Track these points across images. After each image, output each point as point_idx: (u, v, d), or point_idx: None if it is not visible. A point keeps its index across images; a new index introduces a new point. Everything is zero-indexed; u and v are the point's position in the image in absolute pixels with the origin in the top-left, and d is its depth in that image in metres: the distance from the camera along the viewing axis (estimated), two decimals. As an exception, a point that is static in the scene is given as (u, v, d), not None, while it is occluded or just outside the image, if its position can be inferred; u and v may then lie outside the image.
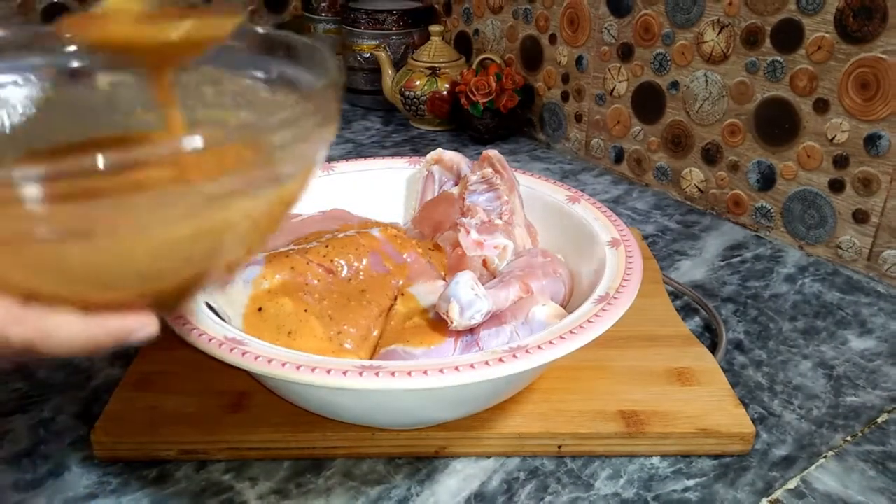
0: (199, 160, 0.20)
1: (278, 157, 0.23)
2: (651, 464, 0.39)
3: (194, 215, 0.22)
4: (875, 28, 0.53)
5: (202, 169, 0.21)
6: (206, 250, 0.24)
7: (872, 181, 0.56)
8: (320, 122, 0.24)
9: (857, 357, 0.48)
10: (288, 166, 0.24)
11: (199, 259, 0.24)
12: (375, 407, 0.36)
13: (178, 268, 0.24)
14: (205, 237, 0.23)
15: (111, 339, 0.24)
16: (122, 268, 0.22)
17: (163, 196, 0.20)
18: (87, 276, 0.22)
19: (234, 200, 0.22)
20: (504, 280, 0.42)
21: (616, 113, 0.76)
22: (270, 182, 0.23)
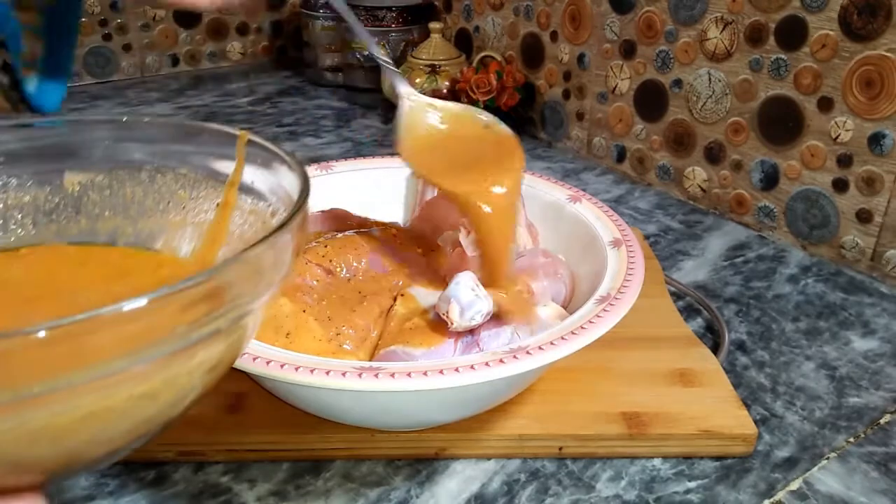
0: (141, 321, 0.17)
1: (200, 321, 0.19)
2: (653, 465, 0.39)
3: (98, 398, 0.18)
4: (880, 26, 0.53)
5: (143, 331, 0.17)
6: (114, 428, 0.19)
7: (876, 181, 0.56)
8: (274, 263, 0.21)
9: (860, 358, 0.48)
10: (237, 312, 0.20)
11: (107, 439, 0.20)
12: (375, 408, 0.36)
13: (76, 449, 0.19)
14: (111, 416, 0.19)
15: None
16: (28, 452, 0.18)
17: (103, 369, 0.17)
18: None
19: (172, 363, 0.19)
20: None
21: (618, 111, 0.75)
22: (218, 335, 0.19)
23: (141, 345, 0.17)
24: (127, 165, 0.30)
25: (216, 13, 0.32)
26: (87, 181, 0.30)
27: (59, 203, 0.30)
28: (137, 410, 0.19)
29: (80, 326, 0.16)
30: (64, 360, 0.16)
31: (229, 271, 0.19)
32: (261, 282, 0.21)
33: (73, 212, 0.30)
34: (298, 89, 1.02)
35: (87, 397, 0.17)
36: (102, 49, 1.02)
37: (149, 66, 1.06)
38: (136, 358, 0.17)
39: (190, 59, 1.09)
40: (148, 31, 1.04)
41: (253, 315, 0.21)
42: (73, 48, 0.46)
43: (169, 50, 1.07)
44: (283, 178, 0.27)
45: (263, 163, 0.28)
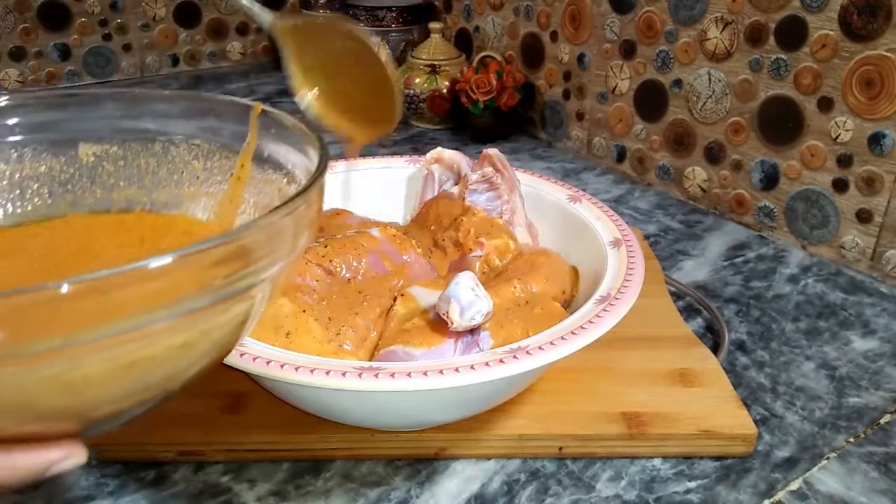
0: (165, 278, 0.18)
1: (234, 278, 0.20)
2: (653, 465, 0.39)
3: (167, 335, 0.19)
4: (880, 26, 0.53)
5: (170, 289, 0.18)
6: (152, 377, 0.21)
7: (876, 181, 0.56)
8: (296, 228, 0.22)
9: (860, 358, 0.48)
10: (260, 278, 0.21)
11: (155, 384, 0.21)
12: (375, 408, 0.36)
13: (127, 395, 0.21)
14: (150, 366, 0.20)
15: (23, 478, 0.20)
16: (65, 399, 0.19)
17: (128, 322, 0.18)
18: (9, 412, 0.19)
19: (200, 318, 0.20)
20: (505, 280, 0.42)
21: (618, 111, 0.75)
22: (237, 297, 0.20)
23: (177, 297, 0.19)
24: (141, 137, 0.31)
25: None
26: (101, 152, 0.31)
27: (74, 173, 0.30)
28: (175, 360, 0.20)
29: (124, 277, 0.17)
30: (110, 310, 0.18)
31: (256, 232, 0.20)
32: (284, 243, 0.21)
33: (89, 182, 0.31)
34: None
35: (130, 346, 0.19)
36: (102, 49, 1.02)
37: (149, 66, 1.06)
38: (174, 310, 0.19)
39: (190, 59, 1.09)
40: (148, 31, 1.04)
41: (279, 275, 0.22)
42: None
43: (169, 50, 1.07)
44: (298, 148, 0.28)
45: (278, 133, 0.29)
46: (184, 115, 0.30)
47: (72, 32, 0.99)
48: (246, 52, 1.13)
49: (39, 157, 0.30)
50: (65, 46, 0.99)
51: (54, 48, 0.98)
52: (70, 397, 0.19)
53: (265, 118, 0.29)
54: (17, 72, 0.97)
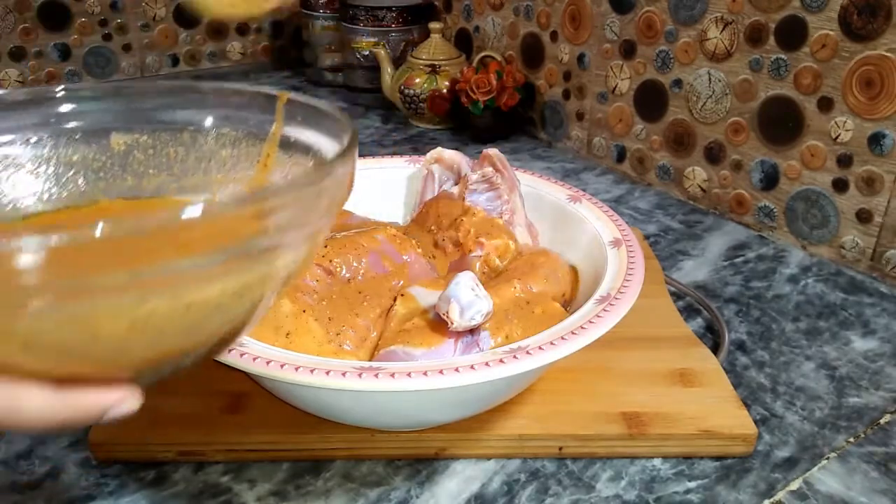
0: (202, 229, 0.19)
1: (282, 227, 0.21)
2: (652, 465, 0.39)
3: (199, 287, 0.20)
4: (880, 26, 0.53)
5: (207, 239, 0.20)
6: (206, 323, 0.22)
7: (876, 181, 0.56)
8: (330, 195, 0.23)
9: (860, 358, 0.48)
10: (291, 236, 0.22)
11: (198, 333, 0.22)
12: (375, 408, 0.36)
13: (173, 341, 0.22)
14: (205, 310, 0.21)
15: (84, 418, 0.21)
16: (118, 342, 0.20)
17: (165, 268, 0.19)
18: (74, 350, 0.20)
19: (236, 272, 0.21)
20: (505, 280, 0.42)
21: (618, 111, 0.75)
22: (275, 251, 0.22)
23: (231, 242, 0.20)
24: (170, 127, 0.32)
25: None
26: (132, 141, 0.32)
27: (107, 162, 0.32)
28: (228, 307, 0.22)
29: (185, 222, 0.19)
30: (169, 248, 0.19)
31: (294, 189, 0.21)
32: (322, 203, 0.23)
33: (120, 170, 0.32)
34: (298, 89, 1.01)
35: (189, 286, 0.20)
36: (102, 49, 1.02)
37: (149, 66, 1.06)
38: (220, 256, 0.20)
39: (190, 59, 1.09)
40: (148, 31, 1.04)
41: (320, 234, 0.24)
42: None
43: (169, 50, 1.07)
44: (325, 132, 0.29)
45: (304, 119, 0.30)
46: (211, 105, 0.32)
47: (72, 32, 0.99)
48: (246, 52, 1.13)
49: (75, 146, 0.31)
50: (65, 46, 0.99)
51: (54, 48, 0.98)
52: (132, 334, 0.20)
53: (291, 106, 0.30)
54: (17, 72, 0.97)
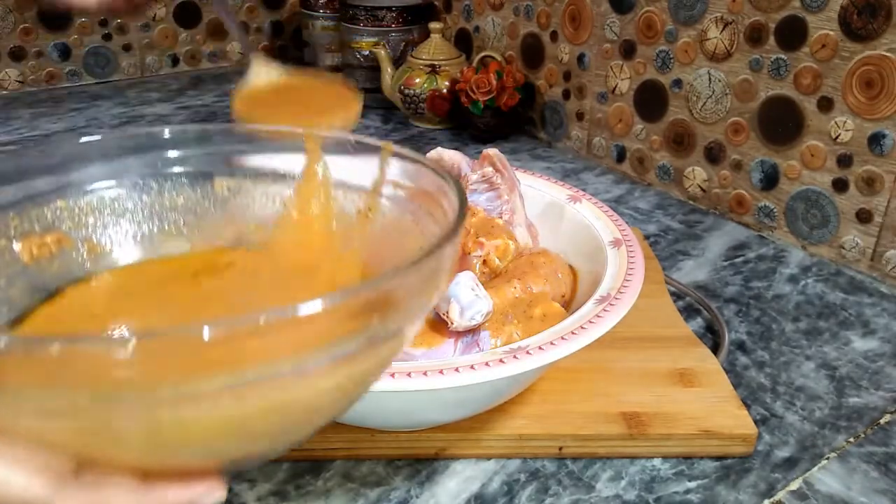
0: (316, 324, 0.18)
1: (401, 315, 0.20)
2: (652, 465, 0.39)
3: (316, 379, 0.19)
4: (880, 25, 0.53)
5: (320, 332, 0.18)
6: (304, 417, 0.21)
7: (876, 181, 0.56)
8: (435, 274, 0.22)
9: (860, 358, 0.48)
10: (406, 319, 0.21)
11: (300, 426, 0.22)
12: (375, 408, 0.36)
13: (275, 436, 0.21)
14: (307, 405, 0.20)
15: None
16: (213, 442, 0.20)
17: (278, 365, 0.18)
18: (167, 448, 0.20)
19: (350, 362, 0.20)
20: (505, 280, 0.42)
21: (618, 111, 0.75)
22: (388, 339, 0.21)
23: (328, 342, 0.19)
24: (272, 173, 0.31)
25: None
26: (235, 186, 0.31)
27: (209, 206, 0.31)
28: (322, 403, 0.21)
29: (294, 319, 0.17)
30: (267, 351, 0.18)
31: (403, 277, 0.20)
32: (430, 287, 0.22)
33: (220, 213, 0.31)
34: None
35: (284, 388, 0.19)
36: (102, 49, 1.02)
37: (149, 66, 1.06)
38: (324, 355, 0.19)
39: (190, 59, 1.09)
40: (148, 31, 1.04)
41: (422, 316, 0.23)
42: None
43: (169, 50, 1.07)
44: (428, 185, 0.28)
45: (408, 174, 0.29)
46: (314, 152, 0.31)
47: (72, 32, 0.99)
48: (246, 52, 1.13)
49: (179, 189, 0.31)
50: (65, 46, 0.99)
51: (54, 48, 0.98)
52: (229, 435, 0.19)
53: (395, 158, 0.29)
54: (17, 72, 0.97)
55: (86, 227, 0.29)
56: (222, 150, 0.31)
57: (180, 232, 0.31)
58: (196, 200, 0.31)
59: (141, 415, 0.18)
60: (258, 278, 0.30)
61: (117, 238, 0.30)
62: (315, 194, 0.31)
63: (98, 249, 0.30)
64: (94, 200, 0.29)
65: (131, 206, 0.30)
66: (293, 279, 0.30)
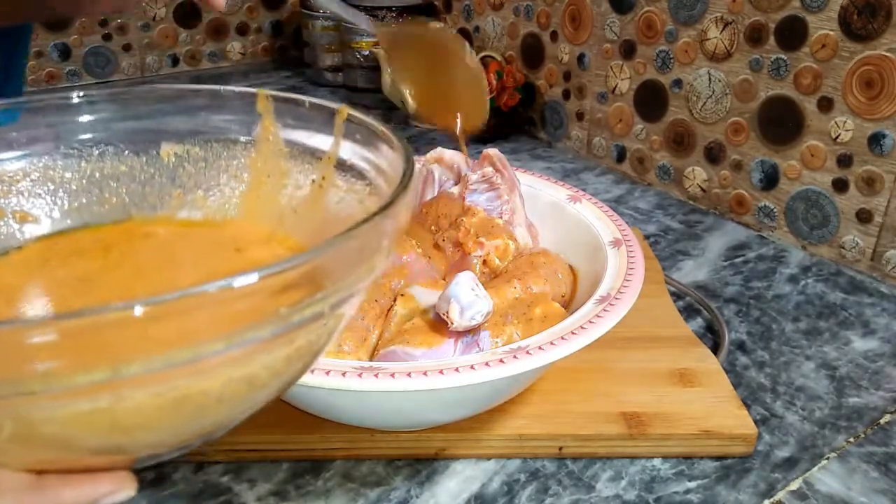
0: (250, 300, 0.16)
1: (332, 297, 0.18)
2: (652, 465, 0.39)
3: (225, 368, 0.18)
4: (880, 25, 0.53)
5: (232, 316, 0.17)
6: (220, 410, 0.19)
7: (876, 181, 0.56)
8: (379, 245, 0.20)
9: (860, 358, 0.48)
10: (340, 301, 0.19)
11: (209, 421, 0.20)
12: (375, 408, 0.36)
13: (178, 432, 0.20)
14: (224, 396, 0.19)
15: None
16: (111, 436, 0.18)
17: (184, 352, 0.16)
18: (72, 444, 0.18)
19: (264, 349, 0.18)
20: (505, 280, 0.42)
21: (618, 111, 0.75)
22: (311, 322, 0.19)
23: (244, 325, 0.17)
24: (222, 137, 0.30)
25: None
26: (183, 152, 0.30)
27: (154, 174, 0.30)
28: (234, 394, 0.19)
29: (183, 303, 0.15)
30: (166, 338, 0.16)
31: (331, 253, 0.18)
32: (362, 266, 0.20)
33: (169, 182, 0.30)
34: (298, 89, 1.01)
35: (185, 379, 0.17)
36: (102, 49, 1.02)
37: (149, 66, 1.06)
38: (239, 339, 0.17)
39: (190, 59, 1.09)
40: (148, 31, 1.04)
41: (353, 300, 0.21)
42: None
43: (169, 50, 1.07)
44: (383, 156, 0.26)
45: (363, 139, 0.27)
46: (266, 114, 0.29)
47: (72, 32, 0.99)
48: (246, 52, 1.13)
49: (121, 157, 0.29)
50: (65, 46, 0.99)
51: (54, 48, 0.98)
52: (115, 434, 0.18)
53: (351, 123, 0.28)
54: (17, 72, 0.97)
55: (16, 195, 0.27)
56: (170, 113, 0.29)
57: (122, 202, 0.29)
58: (140, 168, 0.29)
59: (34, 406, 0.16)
60: (176, 252, 0.28)
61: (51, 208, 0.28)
62: (267, 161, 0.29)
63: (29, 219, 0.28)
64: (25, 167, 0.28)
65: (69, 175, 0.28)
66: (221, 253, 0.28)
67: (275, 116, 0.29)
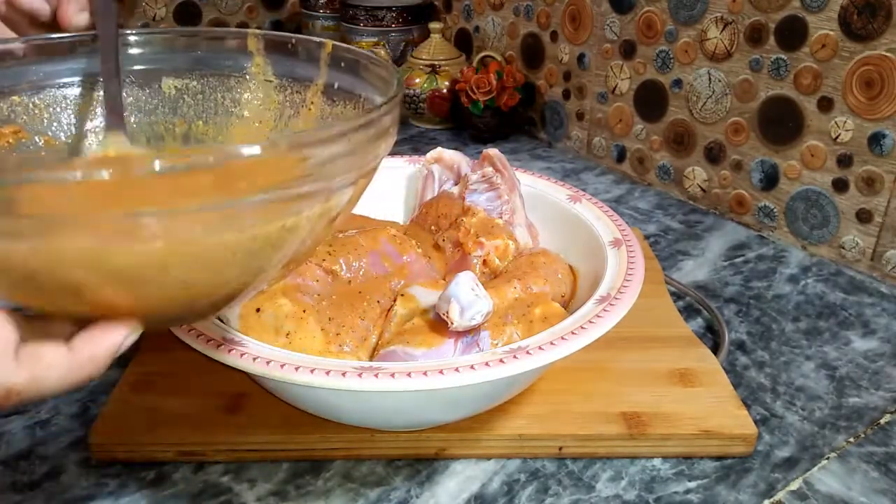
0: (247, 170, 0.20)
1: (327, 171, 0.22)
2: (652, 465, 0.39)
3: (239, 228, 0.21)
4: (880, 25, 0.53)
5: (251, 180, 0.20)
6: (243, 264, 0.23)
7: (876, 181, 0.56)
8: (374, 137, 0.24)
9: (860, 358, 0.48)
10: (337, 180, 0.23)
11: (233, 273, 0.23)
12: (375, 408, 0.36)
13: (207, 280, 0.23)
14: (246, 250, 0.22)
15: (99, 368, 0.23)
16: (153, 274, 0.21)
17: (206, 205, 0.20)
18: (110, 281, 0.21)
19: (278, 214, 0.22)
20: (505, 280, 0.42)
21: (618, 111, 0.75)
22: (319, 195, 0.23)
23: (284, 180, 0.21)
24: (217, 73, 0.34)
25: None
26: (182, 86, 0.34)
27: (157, 105, 0.34)
28: (256, 252, 0.23)
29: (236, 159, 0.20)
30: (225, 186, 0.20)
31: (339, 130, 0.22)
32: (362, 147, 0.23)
33: (171, 113, 0.34)
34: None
35: (230, 224, 0.21)
36: (102, 49, 1.02)
37: (149, 66, 1.06)
38: (264, 196, 0.21)
39: (190, 59, 1.09)
40: (148, 31, 1.04)
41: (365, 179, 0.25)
42: None
43: (169, 50, 1.07)
44: (368, 77, 0.30)
45: (348, 66, 0.31)
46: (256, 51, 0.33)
47: (72, 32, 0.99)
48: (246, 52, 1.13)
49: (127, 89, 0.33)
50: (65, 46, 0.99)
51: (54, 48, 0.98)
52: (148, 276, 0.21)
53: (336, 54, 0.31)
54: (17, 72, 0.97)
55: (41, 121, 0.31)
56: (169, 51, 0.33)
57: (130, 128, 0.32)
58: (144, 99, 0.33)
59: (84, 240, 0.20)
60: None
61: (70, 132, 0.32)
62: (258, 92, 0.33)
63: (54, 143, 0.32)
64: (49, 97, 0.32)
65: (84, 103, 0.32)
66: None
67: (265, 54, 0.33)
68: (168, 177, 0.19)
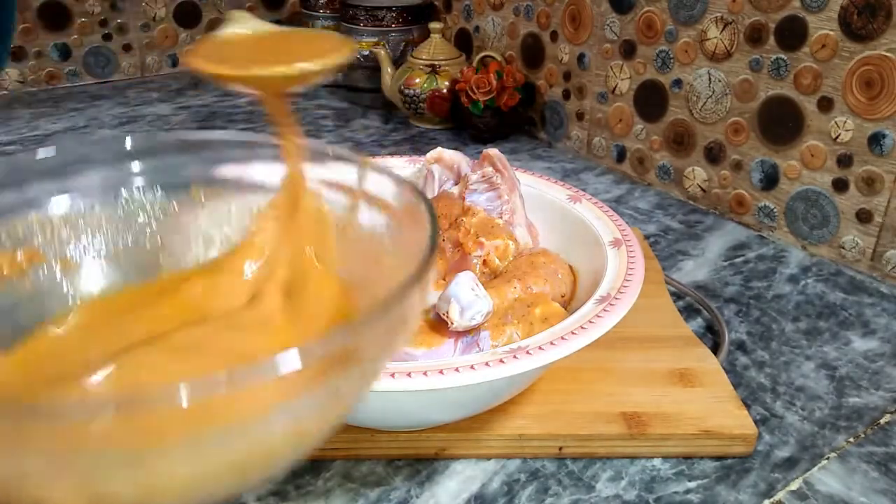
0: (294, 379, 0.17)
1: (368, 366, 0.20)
2: (652, 465, 0.39)
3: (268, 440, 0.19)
4: (880, 25, 0.53)
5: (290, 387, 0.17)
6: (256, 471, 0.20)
7: (876, 181, 0.56)
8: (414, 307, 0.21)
9: (860, 358, 0.48)
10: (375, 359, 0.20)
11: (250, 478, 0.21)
12: (375, 408, 0.36)
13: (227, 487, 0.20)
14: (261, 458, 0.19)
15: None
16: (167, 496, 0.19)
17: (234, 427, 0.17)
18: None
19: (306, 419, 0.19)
20: (505, 280, 0.42)
21: (618, 111, 0.75)
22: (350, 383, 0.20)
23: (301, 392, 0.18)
24: (251, 187, 0.30)
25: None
26: (212, 194, 0.30)
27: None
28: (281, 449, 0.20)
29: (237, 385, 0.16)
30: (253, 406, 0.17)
31: (367, 331, 0.19)
32: (393, 338, 0.21)
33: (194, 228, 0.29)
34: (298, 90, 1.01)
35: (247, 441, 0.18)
36: (102, 49, 1.02)
37: (149, 66, 1.06)
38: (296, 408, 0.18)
39: (190, 59, 1.09)
40: (148, 31, 1.04)
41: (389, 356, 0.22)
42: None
43: (169, 50, 1.07)
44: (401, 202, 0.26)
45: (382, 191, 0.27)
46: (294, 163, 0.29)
47: (72, 32, 0.99)
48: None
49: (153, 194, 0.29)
50: (65, 46, 0.99)
51: (54, 48, 0.98)
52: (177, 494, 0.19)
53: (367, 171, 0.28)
54: (17, 72, 0.97)
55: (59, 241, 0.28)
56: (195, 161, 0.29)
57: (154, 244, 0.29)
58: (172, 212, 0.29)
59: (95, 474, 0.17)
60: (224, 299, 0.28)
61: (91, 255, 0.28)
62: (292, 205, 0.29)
63: (71, 265, 0.28)
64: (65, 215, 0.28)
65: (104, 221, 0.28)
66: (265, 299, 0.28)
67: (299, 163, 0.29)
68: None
